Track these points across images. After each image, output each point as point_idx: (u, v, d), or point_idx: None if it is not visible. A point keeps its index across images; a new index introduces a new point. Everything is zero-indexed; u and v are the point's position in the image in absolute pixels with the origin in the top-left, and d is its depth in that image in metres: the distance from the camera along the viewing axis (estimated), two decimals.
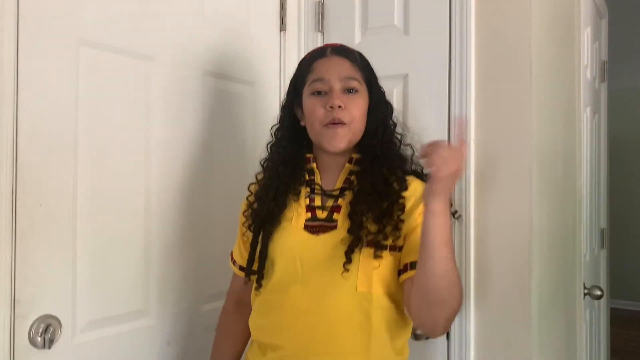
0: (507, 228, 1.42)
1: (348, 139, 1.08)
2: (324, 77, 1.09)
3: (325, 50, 1.14)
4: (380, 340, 1.04)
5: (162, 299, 1.32)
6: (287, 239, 1.08)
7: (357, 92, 1.10)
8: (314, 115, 1.08)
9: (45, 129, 1.08)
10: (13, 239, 1.03)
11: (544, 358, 1.52)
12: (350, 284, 1.02)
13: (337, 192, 1.10)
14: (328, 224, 1.07)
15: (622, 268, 5.98)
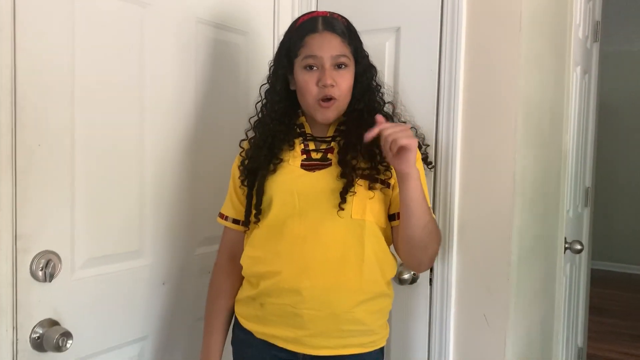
0: (490, 177, 1.48)
1: (337, 112, 1.18)
2: (316, 54, 1.15)
3: (317, 23, 1.18)
4: (372, 268, 1.13)
5: (157, 240, 1.37)
6: (285, 176, 1.15)
7: (347, 67, 1.17)
8: (307, 91, 1.16)
9: (43, 70, 1.11)
10: (14, 177, 1.06)
11: (522, 304, 1.60)
12: (346, 212, 1.10)
13: (329, 138, 1.19)
14: (323, 162, 1.16)
15: (605, 230, 6.13)
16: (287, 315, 1.13)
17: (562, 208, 2.03)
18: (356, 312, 1.12)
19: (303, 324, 1.12)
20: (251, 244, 1.19)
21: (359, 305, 1.12)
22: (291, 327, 1.13)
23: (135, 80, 1.30)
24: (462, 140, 1.51)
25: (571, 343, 2.51)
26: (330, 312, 1.10)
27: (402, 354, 1.60)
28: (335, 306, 1.10)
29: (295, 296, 1.11)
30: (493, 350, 1.49)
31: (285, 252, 1.12)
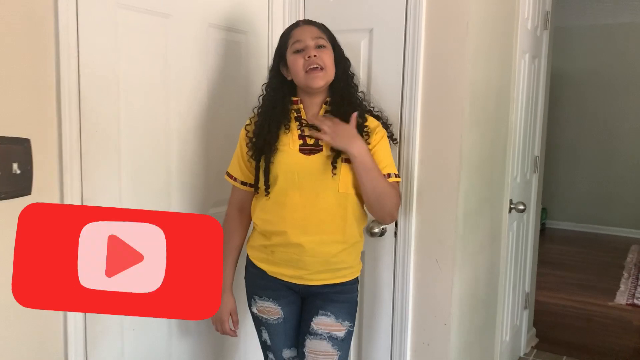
0: (443, 151, 1.86)
1: (325, 80, 1.53)
2: (300, 38, 1.52)
3: (299, 23, 1.58)
4: (352, 225, 1.54)
5: (180, 202, 1.74)
6: (287, 159, 1.52)
7: (325, 47, 1.54)
8: (297, 65, 1.51)
9: (96, 75, 1.45)
10: (80, 156, 1.42)
11: (468, 252, 2.02)
12: (334, 187, 1.50)
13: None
14: (316, 147, 1.52)
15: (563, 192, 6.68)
16: (292, 260, 1.54)
17: (508, 175, 2.44)
18: (341, 255, 1.54)
19: (304, 266, 1.53)
20: (262, 209, 1.57)
21: (343, 251, 1.54)
22: (295, 268, 1.55)
23: (162, 77, 1.64)
24: (421, 121, 1.88)
25: (519, 289, 2.97)
26: (323, 258, 1.52)
27: (373, 291, 2.01)
28: (327, 253, 1.52)
29: (298, 247, 1.51)
30: (443, 287, 1.90)
31: (289, 216, 1.51)
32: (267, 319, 1.64)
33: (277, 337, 1.65)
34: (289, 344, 1.66)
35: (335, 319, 1.56)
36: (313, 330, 1.57)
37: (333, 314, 1.56)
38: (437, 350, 1.94)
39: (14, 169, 1.28)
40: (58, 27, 1.33)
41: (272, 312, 1.62)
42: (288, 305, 1.62)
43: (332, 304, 1.56)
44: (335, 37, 1.61)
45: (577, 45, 6.43)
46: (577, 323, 3.75)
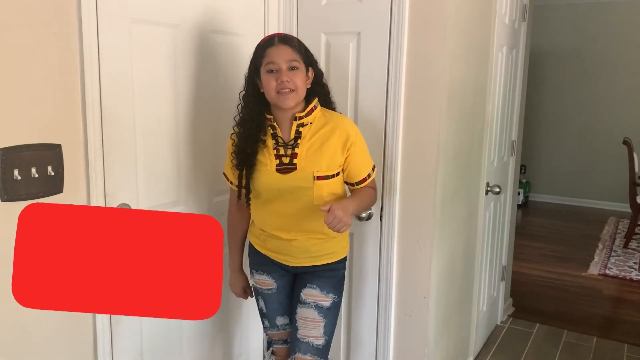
0: (422, 144, 2.07)
1: (295, 100, 1.68)
2: (274, 60, 1.64)
3: (274, 40, 1.68)
4: None
5: (188, 194, 1.95)
6: (267, 179, 1.71)
7: (298, 68, 1.66)
8: (269, 85, 1.66)
9: (115, 83, 1.63)
10: (102, 156, 1.61)
11: (445, 233, 2.25)
12: (309, 200, 1.71)
13: (292, 141, 1.70)
14: (291, 167, 1.70)
15: (547, 168, 6.96)
16: (281, 249, 1.80)
17: (484, 160, 2.66)
18: (322, 245, 1.79)
19: (292, 254, 1.79)
20: (254, 208, 1.81)
21: (324, 242, 1.78)
22: (284, 255, 1.80)
23: (171, 82, 1.83)
24: (404, 117, 2.09)
25: (496, 262, 3.23)
26: (306, 249, 1.77)
27: (361, 269, 2.25)
28: (309, 245, 1.77)
29: (287, 243, 1.77)
30: (423, 265, 2.14)
31: (274, 220, 1.76)
32: (262, 289, 1.90)
33: (271, 305, 1.92)
34: (282, 312, 1.92)
35: (320, 291, 1.81)
36: (302, 299, 1.82)
37: (318, 286, 1.81)
38: (418, 320, 2.19)
39: (48, 171, 1.48)
40: (82, 45, 1.51)
41: (267, 283, 1.88)
42: (280, 278, 1.87)
43: (318, 279, 1.81)
44: (309, 50, 1.73)
45: (559, 22, 6.63)
46: (551, 293, 4.04)
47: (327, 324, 1.82)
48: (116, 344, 1.73)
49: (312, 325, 1.80)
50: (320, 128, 1.72)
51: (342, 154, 1.72)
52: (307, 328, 1.80)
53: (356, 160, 1.75)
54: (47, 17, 1.43)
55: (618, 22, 6.40)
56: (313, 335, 1.80)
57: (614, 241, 5.37)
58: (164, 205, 1.87)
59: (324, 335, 1.81)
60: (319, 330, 1.80)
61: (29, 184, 1.43)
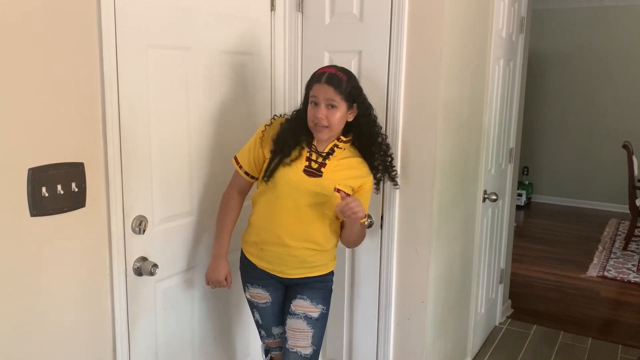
0: (420, 157, 2.18)
1: (328, 135, 1.83)
2: (316, 95, 1.79)
3: (322, 77, 1.80)
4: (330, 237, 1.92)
5: (200, 204, 2.08)
6: (291, 174, 1.83)
7: (336, 107, 1.79)
8: (310, 115, 1.82)
9: (133, 104, 1.76)
10: (121, 171, 1.74)
11: (442, 241, 2.37)
12: (323, 207, 1.83)
13: (325, 154, 1.86)
14: (317, 172, 1.84)
15: (546, 169, 7.06)
16: (277, 259, 1.91)
17: (481, 169, 2.78)
18: (316, 256, 1.91)
19: (287, 264, 1.91)
20: (259, 207, 1.91)
21: (319, 254, 1.91)
22: (278, 265, 1.92)
23: (183, 100, 1.96)
24: (402, 132, 2.20)
25: (494, 266, 3.34)
26: (301, 259, 1.89)
27: (362, 274, 2.37)
28: (305, 255, 1.89)
29: (284, 247, 1.87)
30: (421, 271, 2.26)
31: (281, 220, 1.86)
32: (257, 302, 2.02)
33: (267, 317, 2.04)
34: (277, 322, 2.05)
35: (310, 302, 1.93)
36: (292, 310, 1.94)
37: (309, 297, 1.93)
38: (416, 323, 2.31)
39: (72, 187, 1.60)
40: (103, 71, 1.64)
41: (262, 297, 2.00)
42: (274, 291, 1.99)
43: (308, 290, 1.94)
44: (360, 89, 1.86)
45: (562, 26, 6.72)
46: (550, 294, 4.15)
47: (315, 334, 1.94)
48: (133, 345, 1.86)
49: (300, 336, 1.93)
50: (348, 157, 1.90)
51: (357, 182, 1.88)
52: (296, 339, 1.93)
53: (364, 197, 1.91)
54: (72, 48, 1.55)
55: (618, 26, 6.48)
56: (301, 345, 1.93)
57: (614, 243, 5.46)
58: (178, 216, 1.99)
59: (312, 345, 1.94)
60: (307, 340, 1.93)
61: (56, 200, 1.56)
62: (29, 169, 1.48)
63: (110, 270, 1.76)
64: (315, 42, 2.30)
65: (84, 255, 1.67)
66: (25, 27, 1.43)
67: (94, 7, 1.60)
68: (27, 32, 1.44)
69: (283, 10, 2.33)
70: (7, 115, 1.42)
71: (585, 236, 5.71)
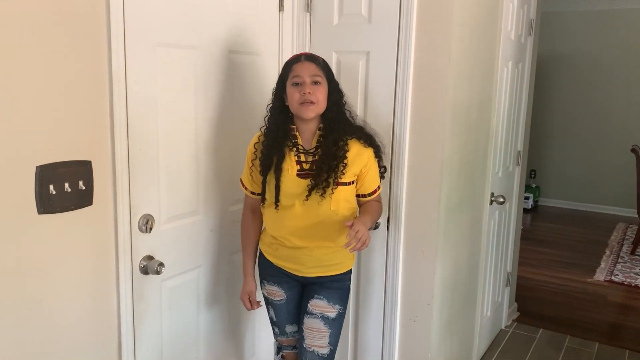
0: (427, 159, 2.18)
1: (315, 112, 1.81)
2: (299, 74, 1.79)
3: (300, 57, 1.83)
4: (342, 232, 1.86)
5: (206, 203, 2.08)
6: (288, 183, 1.83)
7: (320, 84, 1.80)
8: (293, 97, 1.80)
9: (140, 103, 1.76)
10: (128, 170, 1.74)
11: (449, 243, 2.36)
12: (326, 205, 1.82)
13: (313, 149, 1.85)
14: (311, 172, 1.83)
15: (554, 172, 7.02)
16: (291, 257, 1.91)
17: (489, 172, 2.76)
18: (332, 254, 1.90)
19: (302, 263, 1.90)
20: (269, 216, 1.92)
21: (335, 252, 1.89)
22: (294, 263, 1.92)
23: (191, 99, 1.96)
24: (410, 133, 2.20)
25: (500, 269, 3.32)
26: (317, 257, 1.88)
27: (368, 276, 2.37)
28: (320, 254, 1.88)
29: (298, 250, 1.87)
30: (427, 273, 2.25)
31: (290, 225, 1.85)
32: (273, 299, 2.02)
33: (281, 314, 2.03)
34: (291, 320, 2.04)
35: (327, 302, 1.92)
36: (309, 310, 1.93)
37: (326, 297, 1.92)
38: (422, 325, 2.30)
39: (80, 185, 1.61)
40: (111, 70, 1.64)
41: (277, 294, 2.00)
42: (290, 289, 1.99)
43: (325, 290, 1.92)
44: (332, 71, 1.88)
45: (572, 29, 6.69)
46: (556, 298, 4.13)
47: (332, 334, 1.93)
48: (139, 343, 1.86)
49: (318, 335, 1.92)
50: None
51: (357, 165, 1.84)
52: (313, 338, 1.92)
53: (372, 173, 1.90)
54: (81, 46, 1.56)
55: (628, 29, 6.44)
56: (319, 344, 1.92)
57: (621, 247, 5.43)
58: (184, 215, 1.99)
59: (329, 345, 1.93)
60: (324, 340, 1.92)
61: (63, 197, 1.56)
62: (37, 166, 1.48)
63: (116, 268, 1.76)
64: (323, 43, 2.30)
65: (91, 253, 1.67)
66: (34, 26, 1.44)
67: (103, 5, 1.60)
68: (35, 30, 1.44)
69: (291, 10, 2.33)
70: (15, 113, 1.42)
71: (593, 240, 5.68)
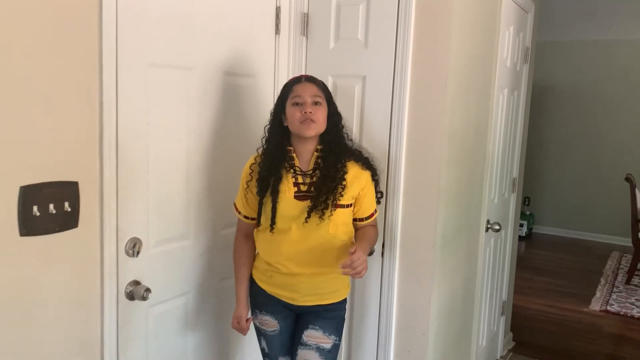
0: (424, 185, 2.14)
1: (316, 131, 1.79)
2: (300, 94, 1.78)
3: (301, 79, 1.83)
4: (339, 258, 1.80)
5: (196, 227, 2.02)
6: (285, 205, 1.79)
7: (321, 104, 1.79)
8: (294, 116, 1.78)
9: (131, 123, 1.72)
10: (116, 192, 1.69)
11: (445, 271, 2.30)
12: (324, 228, 1.77)
13: (311, 171, 1.81)
14: (309, 194, 1.79)
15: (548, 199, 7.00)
16: (287, 284, 1.84)
17: (485, 199, 2.73)
18: (329, 282, 1.84)
19: (297, 290, 1.84)
20: (263, 240, 1.86)
21: (331, 279, 1.84)
22: (289, 292, 1.85)
23: (184, 120, 1.92)
24: (405, 159, 2.16)
25: (496, 297, 3.27)
26: (314, 285, 1.82)
27: (362, 304, 2.30)
28: (317, 281, 1.82)
29: (294, 277, 1.81)
30: (422, 302, 2.19)
31: (286, 250, 1.80)
32: (265, 330, 1.94)
33: (274, 345, 1.95)
34: (284, 352, 1.96)
35: (322, 333, 1.85)
36: (304, 341, 1.86)
37: (321, 328, 1.85)
38: (416, 356, 2.23)
39: (65, 207, 1.55)
40: (102, 89, 1.60)
41: (270, 324, 1.92)
42: (284, 319, 1.91)
43: (321, 320, 1.86)
44: (331, 94, 1.87)
45: (567, 58, 6.75)
46: (552, 328, 4.06)
47: None
48: None
49: None
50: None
51: (355, 188, 1.82)
52: None
53: (369, 197, 1.88)
54: (71, 64, 1.52)
55: (621, 59, 6.51)
56: None
57: (616, 276, 5.38)
58: (173, 238, 1.94)
59: None
60: None
61: (47, 219, 1.51)
62: (21, 187, 1.43)
63: (101, 293, 1.69)
64: (319, 67, 2.28)
65: (75, 277, 1.61)
66: (23, 42, 1.40)
67: (95, 23, 1.57)
68: (24, 46, 1.40)
69: (288, 33, 2.31)
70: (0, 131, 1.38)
71: (587, 268, 5.64)
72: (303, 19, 2.31)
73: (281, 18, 2.27)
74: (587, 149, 6.81)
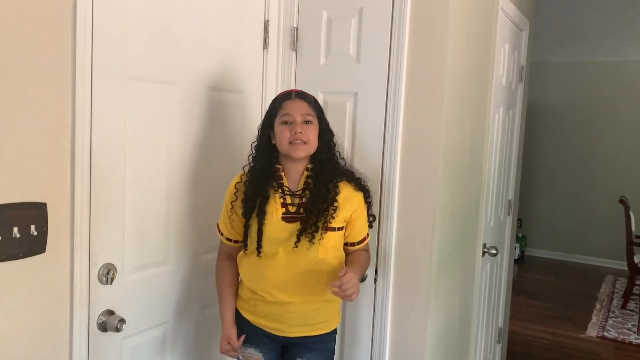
0: (418, 207, 2.03)
1: (306, 152, 1.68)
2: (290, 112, 1.66)
3: (291, 94, 1.71)
4: (329, 284, 1.65)
5: (177, 251, 1.89)
6: (272, 227, 1.67)
7: (312, 123, 1.68)
8: (283, 136, 1.67)
9: (107, 140, 1.60)
10: (89, 214, 1.56)
11: (440, 297, 2.18)
12: (313, 253, 1.65)
13: (300, 192, 1.69)
14: (297, 215, 1.67)
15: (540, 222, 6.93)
16: (272, 315, 1.70)
17: (481, 221, 2.62)
18: (318, 311, 1.71)
19: (283, 320, 1.70)
20: (248, 264, 1.73)
21: (321, 307, 1.70)
22: (275, 322, 1.71)
23: (165, 138, 1.80)
24: (399, 178, 2.05)
25: (491, 324, 3.14)
26: (302, 314, 1.68)
27: (353, 333, 2.17)
28: (306, 310, 1.69)
29: (280, 306, 1.68)
30: (417, 330, 2.07)
31: (272, 276, 1.67)
32: None
33: None
34: None
35: None
36: None
37: None
38: None
39: (31, 230, 1.42)
40: (75, 102, 1.49)
41: (254, 358, 1.78)
42: (269, 352, 1.77)
43: (309, 352, 1.73)
44: (322, 110, 1.76)
45: (557, 79, 6.75)
46: (549, 355, 3.94)
47: None
48: None
49: None
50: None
51: (347, 210, 1.70)
52: None
53: (361, 220, 1.77)
54: (39, 73, 1.41)
55: (612, 81, 6.51)
56: None
57: (611, 301, 5.28)
58: (151, 264, 1.80)
59: None
60: None
61: (10, 244, 1.38)
62: None
63: (70, 324, 1.55)
64: (309, 83, 2.18)
65: (41, 307, 1.47)
66: None
67: (68, 33, 1.46)
68: None
69: (276, 48, 2.22)
70: None
71: (582, 292, 5.53)
72: (292, 34, 2.22)
73: (270, 32, 2.18)
74: (580, 170, 6.77)
